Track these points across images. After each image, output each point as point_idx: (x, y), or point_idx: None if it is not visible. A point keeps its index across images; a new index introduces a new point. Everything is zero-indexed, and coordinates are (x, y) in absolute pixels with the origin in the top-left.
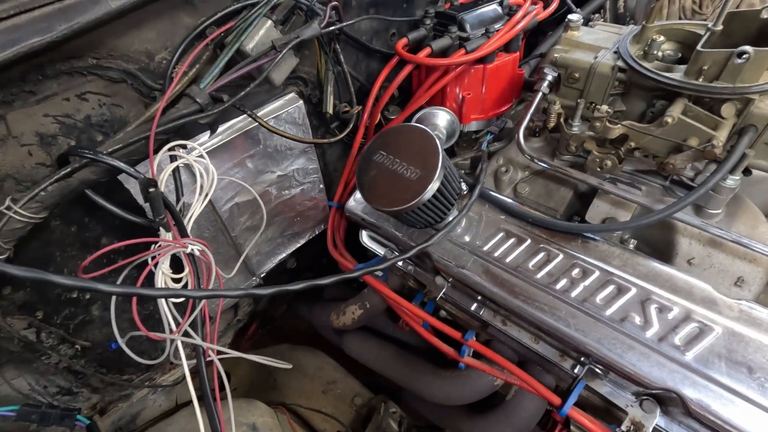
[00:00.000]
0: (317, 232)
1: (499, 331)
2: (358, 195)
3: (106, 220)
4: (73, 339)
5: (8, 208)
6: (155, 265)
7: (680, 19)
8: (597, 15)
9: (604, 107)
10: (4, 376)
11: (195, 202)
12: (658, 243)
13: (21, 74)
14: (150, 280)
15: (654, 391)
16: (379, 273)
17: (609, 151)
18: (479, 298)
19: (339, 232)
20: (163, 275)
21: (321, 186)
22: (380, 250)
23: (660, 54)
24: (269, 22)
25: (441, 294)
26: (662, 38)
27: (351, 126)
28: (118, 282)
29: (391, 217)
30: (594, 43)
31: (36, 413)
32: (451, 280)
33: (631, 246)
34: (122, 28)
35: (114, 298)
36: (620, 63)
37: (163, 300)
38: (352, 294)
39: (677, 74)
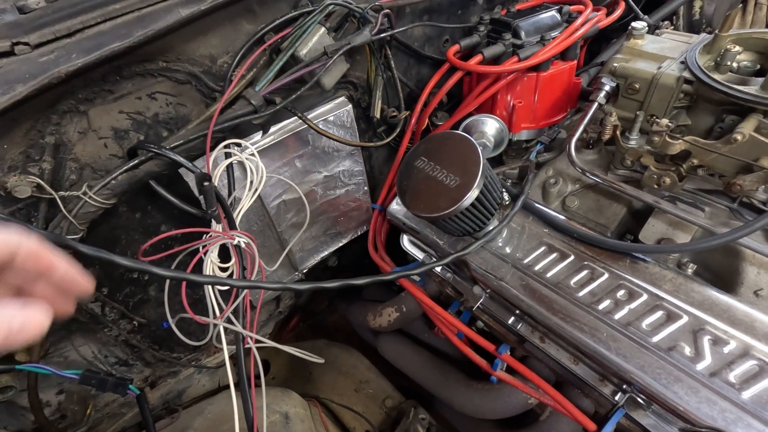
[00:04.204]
0: (359, 233)
1: (536, 348)
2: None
3: (166, 209)
4: (131, 315)
5: (84, 193)
6: (205, 254)
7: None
8: (667, 22)
9: (664, 121)
10: (72, 343)
11: (245, 197)
12: (722, 270)
13: (102, 75)
14: (200, 267)
15: (702, 429)
16: (416, 278)
17: (668, 167)
18: (517, 311)
19: (380, 235)
20: (211, 263)
21: (365, 188)
22: (420, 255)
23: (735, 65)
24: (323, 29)
25: (478, 304)
26: (738, 48)
27: (398, 130)
28: (173, 267)
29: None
30: (658, 52)
31: (95, 379)
32: (489, 291)
33: (690, 271)
34: (190, 34)
35: (167, 281)
36: (686, 74)
37: (209, 286)
38: (391, 296)
39: (753, 87)
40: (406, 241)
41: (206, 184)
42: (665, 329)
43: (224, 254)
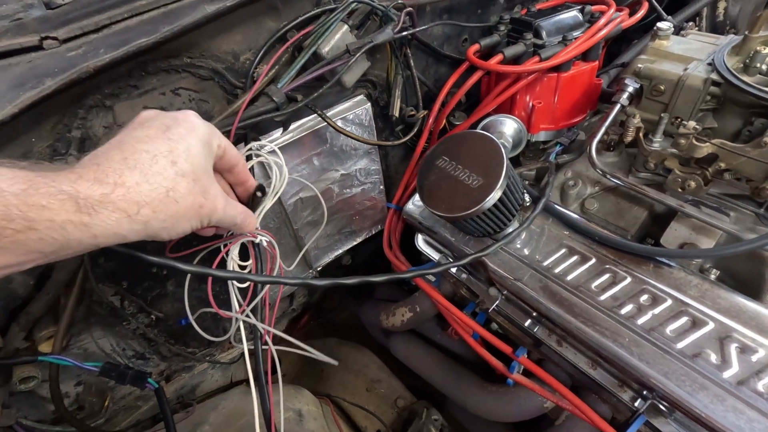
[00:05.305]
0: (374, 232)
1: (553, 352)
2: (416, 198)
3: None
4: (149, 309)
5: None
6: (227, 252)
7: None
8: (691, 23)
9: (692, 123)
10: (92, 335)
11: (266, 198)
12: (746, 277)
13: (128, 70)
14: (220, 265)
15: None
16: (432, 278)
17: (694, 171)
18: (534, 314)
19: (395, 234)
20: (232, 261)
21: (381, 187)
22: (435, 255)
23: (764, 67)
24: (345, 26)
25: (494, 306)
26: None
27: (415, 130)
28: (194, 262)
29: (448, 223)
30: (684, 53)
31: (115, 371)
32: (505, 292)
33: (712, 277)
34: (214, 30)
35: (188, 276)
36: (714, 76)
37: (231, 283)
38: (403, 296)
39: None
40: (420, 241)
41: None
42: (690, 336)
43: (243, 254)
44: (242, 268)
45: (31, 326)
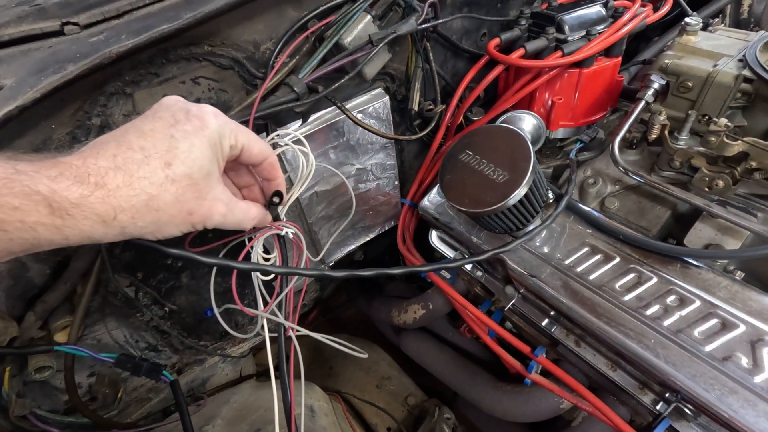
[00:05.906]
0: (387, 228)
1: (570, 352)
2: (432, 195)
3: None
4: (163, 301)
5: None
6: (252, 247)
7: None
8: (717, 20)
9: (723, 120)
10: (106, 326)
11: (293, 187)
12: None
13: (149, 57)
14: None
15: None
16: (447, 275)
17: (722, 170)
18: (552, 313)
19: (409, 230)
20: (257, 255)
21: (396, 182)
22: (449, 252)
23: None
24: (368, 17)
25: (510, 304)
26: None
27: (432, 125)
28: (220, 255)
29: (465, 220)
30: (713, 49)
31: (130, 363)
32: (522, 291)
33: (738, 278)
34: (236, 18)
35: (215, 269)
36: (746, 72)
37: (255, 277)
38: (413, 294)
39: None
40: (435, 238)
41: None
42: (719, 338)
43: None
44: (266, 261)
45: (47, 315)
